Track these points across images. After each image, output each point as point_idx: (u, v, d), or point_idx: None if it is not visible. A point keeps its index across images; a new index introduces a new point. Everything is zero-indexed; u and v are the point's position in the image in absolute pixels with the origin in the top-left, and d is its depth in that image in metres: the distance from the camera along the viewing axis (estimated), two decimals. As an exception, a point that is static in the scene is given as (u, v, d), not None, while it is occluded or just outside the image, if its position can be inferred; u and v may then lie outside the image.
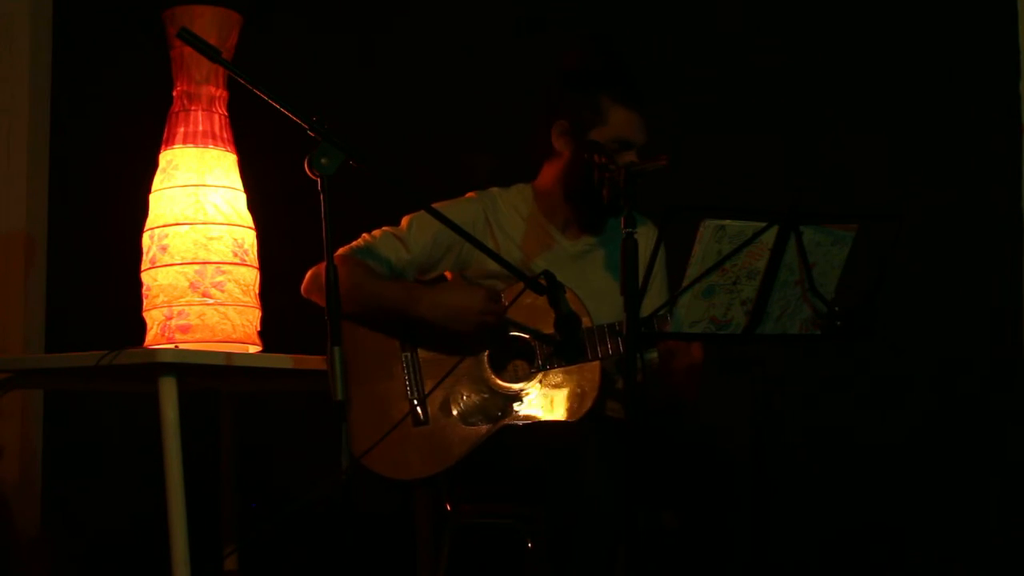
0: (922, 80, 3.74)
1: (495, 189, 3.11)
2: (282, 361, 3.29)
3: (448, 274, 3.11)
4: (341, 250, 2.99)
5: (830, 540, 3.69)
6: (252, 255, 3.45)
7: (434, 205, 2.98)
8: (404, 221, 3.04)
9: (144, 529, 3.60)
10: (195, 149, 3.43)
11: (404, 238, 3.01)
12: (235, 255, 3.39)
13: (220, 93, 3.47)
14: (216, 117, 3.46)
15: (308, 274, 2.97)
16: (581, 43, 3.05)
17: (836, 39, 3.83)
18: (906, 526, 3.67)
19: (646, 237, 2.87)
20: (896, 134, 3.76)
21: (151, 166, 3.48)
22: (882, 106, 3.77)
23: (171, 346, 3.29)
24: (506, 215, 3.07)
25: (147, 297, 3.39)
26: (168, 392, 3.04)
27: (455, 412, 2.88)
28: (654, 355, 3.03)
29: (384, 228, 3.04)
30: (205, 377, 3.43)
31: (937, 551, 3.63)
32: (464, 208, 3.05)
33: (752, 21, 3.91)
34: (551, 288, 2.72)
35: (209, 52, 2.57)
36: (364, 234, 3.04)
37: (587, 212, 3.02)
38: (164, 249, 3.36)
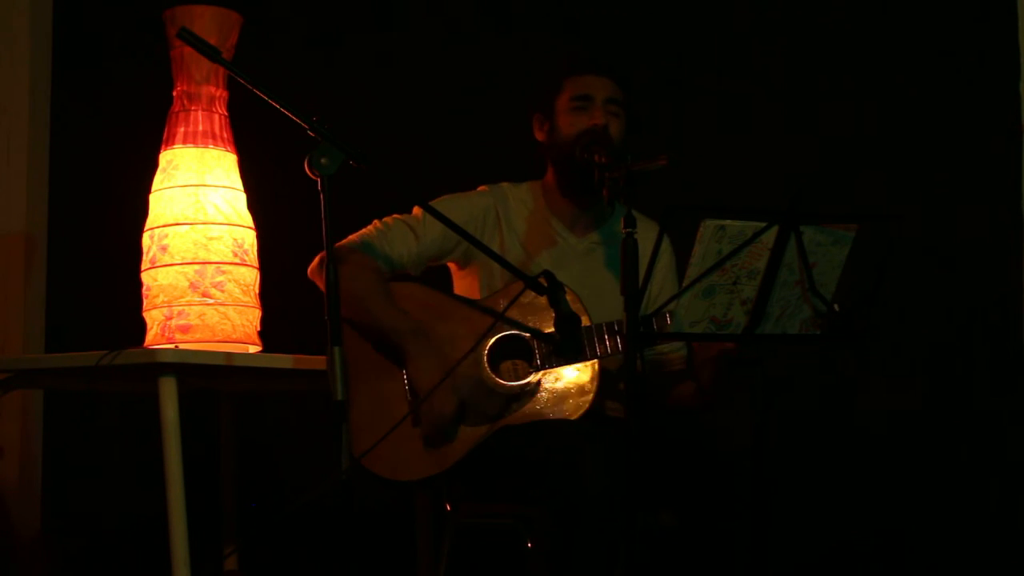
0: (922, 80, 3.74)
1: (506, 184, 3.13)
2: (282, 361, 3.29)
3: (453, 267, 3.11)
4: (351, 237, 2.98)
5: (829, 540, 3.69)
6: (252, 255, 3.45)
7: (446, 197, 3.00)
8: (416, 209, 3.05)
9: (144, 529, 3.60)
10: (195, 149, 3.43)
11: (416, 228, 3.02)
12: (235, 255, 3.39)
13: (220, 93, 3.47)
14: (216, 117, 3.46)
15: (317, 257, 2.97)
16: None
17: (836, 39, 3.83)
18: (906, 526, 3.67)
19: (648, 237, 2.87)
20: (896, 134, 3.76)
21: (151, 166, 3.48)
22: (882, 106, 3.77)
23: (171, 346, 3.29)
24: (515, 210, 3.08)
25: (147, 297, 3.39)
26: (168, 392, 3.04)
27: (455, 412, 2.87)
28: (681, 352, 3.05)
29: (396, 216, 3.04)
30: (205, 377, 3.43)
31: (937, 551, 3.63)
32: (475, 201, 3.07)
33: (752, 21, 3.91)
34: (551, 288, 2.72)
35: (209, 52, 2.57)
36: (375, 220, 3.04)
37: (583, 196, 3.04)
38: (164, 249, 3.36)
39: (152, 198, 3.45)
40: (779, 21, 3.88)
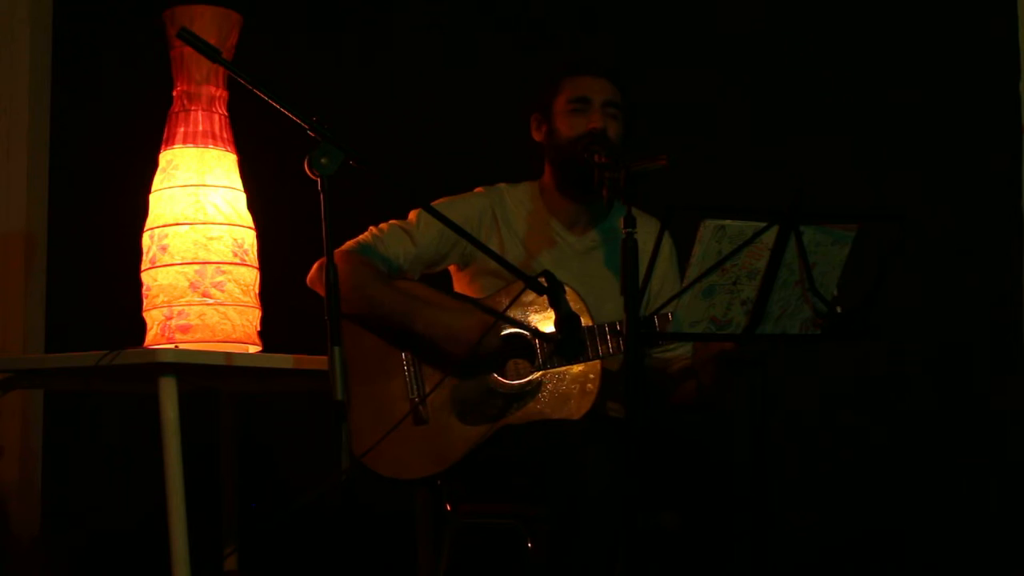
0: (922, 80, 3.74)
1: (503, 185, 3.13)
2: (282, 361, 3.29)
3: (453, 269, 3.11)
4: (347, 244, 2.99)
5: (830, 540, 3.69)
6: (252, 255, 3.45)
7: (442, 199, 3.00)
8: (412, 215, 3.05)
9: (144, 529, 3.60)
10: (195, 149, 3.43)
11: (411, 232, 3.02)
12: (235, 255, 3.39)
13: (220, 93, 3.47)
14: (216, 117, 3.46)
15: (315, 265, 2.97)
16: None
17: (836, 39, 3.83)
18: (906, 526, 3.67)
19: (649, 233, 2.88)
20: (896, 134, 3.75)
21: (151, 166, 3.48)
22: (882, 106, 3.77)
23: (171, 346, 3.29)
24: (513, 211, 3.08)
25: (147, 297, 3.39)
26: (168, 392, 3.04)
27: (456, 411, 2.88)
28: (682, 351, 3.05)
29: (392, 221, 3.05)
30: (205, 377, 3.43)
31: (937, 551, 3.63)
32: (471, 203, 3.07)
33: (752, 21, 3.91)
34: (551, 287, 2.72)
35: (209, 52, 2.57)
36: (371, 227, 3.04)
37: (582, 196, 3.03)
38: (164, 249, 3.36)
39: (152, 198, 3.45)
40: (779, 20, 3.88)
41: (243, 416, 3.84)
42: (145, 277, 3.40)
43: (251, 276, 3.43)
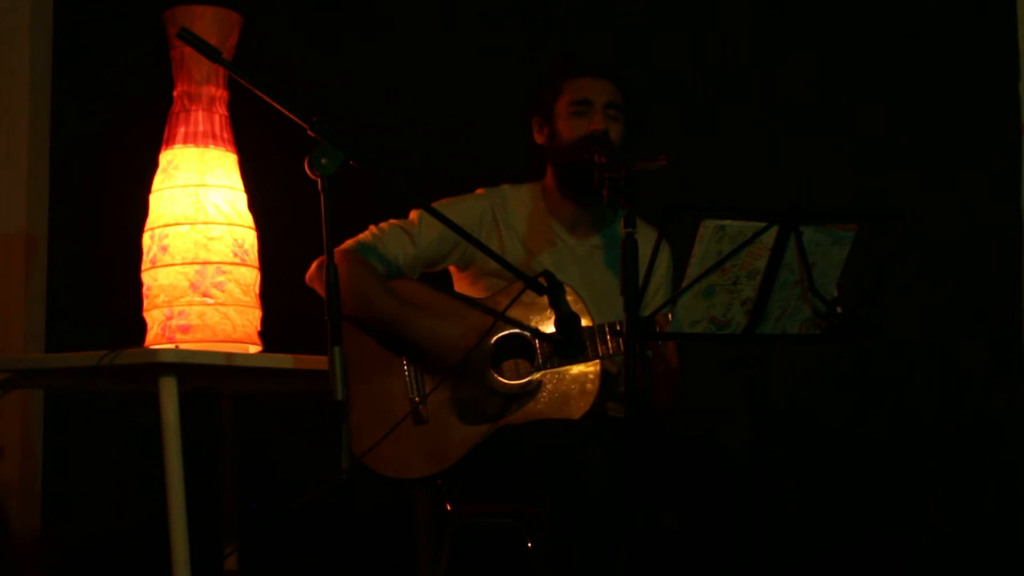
0: (922, 80, 3.75)
1: (506, 186, 3.12)
2: (282, 361, 3.29)
3: (453, 269, 3.11)
4: (347, 242, 2.99)
5: (829, 540, 3.69)
6: (252, 255, 3.46)
7: (443, 200, 3.00)
8: (413, 214, 3.04)
9: (144, 529, 3.60)
10: (195, 149, 3.43)
11: (412, 232, 3.01)
12: (235, 255, 3.39)
13: (220, 93, 3.47)
14: (216, 117, 3.46)
15: (314, 263, 2.97)
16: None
17: (837, 39, 3.84)
18: (905, 526, 3.67)
19: (650, 242, 2.88)
20: (896, 134, 3.76)
21: (151, 166, 3.48)
22: (882, 106, 3.78)
23: (171, 346, 3.30)
24: (514, 212, 3.08)
25: (147, 297, 3.39)
26: (168, 392, 3.04)
27: (456, 411, 2.88)
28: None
29: (392, 221, 3.04)
30: (205, 377, 3.43)
31: (937, 551, 3.63)
32: (472, 204, 3.06)
33: (752, 21, 3.91)
34: (551, 288, 2.72)
35: (209, 52, 2.57)
36: (371, 226, 3.04)
37: (583, 199, 3.03)
38: (164, 249, 3.36)
39: (152, 198, 3.45)
40: (779, 22, 3.88)
41: (243, 416, 3.84)
42: (145, 277, 3.40)
43: (251, 276, 3.44)
